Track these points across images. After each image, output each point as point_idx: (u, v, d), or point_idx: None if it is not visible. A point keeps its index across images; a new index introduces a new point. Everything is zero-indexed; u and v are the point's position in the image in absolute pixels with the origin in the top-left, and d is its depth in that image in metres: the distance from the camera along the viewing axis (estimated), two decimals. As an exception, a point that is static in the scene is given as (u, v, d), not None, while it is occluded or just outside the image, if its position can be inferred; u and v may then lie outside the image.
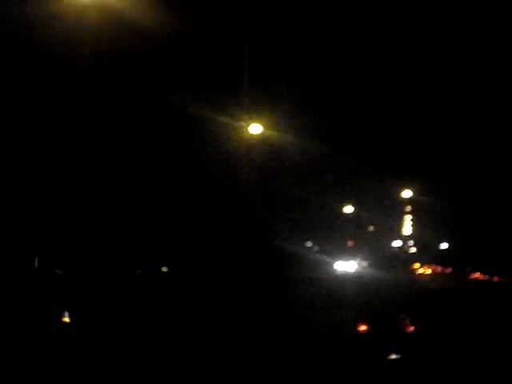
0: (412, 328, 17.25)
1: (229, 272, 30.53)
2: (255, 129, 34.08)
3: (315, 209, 54.11)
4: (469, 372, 11.93)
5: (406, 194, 65.45)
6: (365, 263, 65.47)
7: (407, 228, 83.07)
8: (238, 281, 27.66)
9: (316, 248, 59.90)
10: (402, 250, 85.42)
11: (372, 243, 72.24)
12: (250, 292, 25.51)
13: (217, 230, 36.00)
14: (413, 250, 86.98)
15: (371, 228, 74.12)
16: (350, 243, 68.23)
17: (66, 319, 18.47)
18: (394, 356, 13.61)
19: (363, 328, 16.32)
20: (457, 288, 45.72)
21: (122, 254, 32.10)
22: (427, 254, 77.54)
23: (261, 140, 35.37)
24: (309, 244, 57.80)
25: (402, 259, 73.48)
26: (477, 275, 64.75)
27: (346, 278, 43.11)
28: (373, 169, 59.95)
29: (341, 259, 58.27)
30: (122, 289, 24.94)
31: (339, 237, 62.88)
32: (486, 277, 62.07)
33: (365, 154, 61.47)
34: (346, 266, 56.55)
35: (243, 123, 34.08)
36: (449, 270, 72.67)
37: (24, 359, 12.44)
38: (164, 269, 33.28)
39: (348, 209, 64.10)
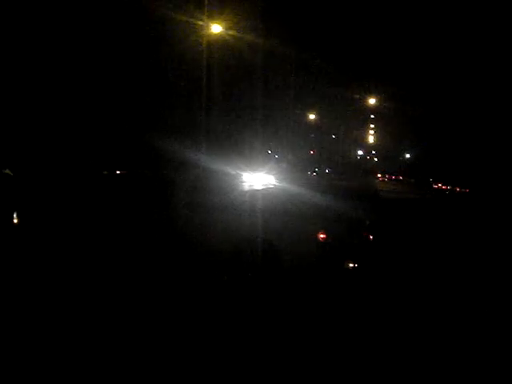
0: (371, 236, 16.62)
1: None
2: (215, 29, 32.57)
3: (278, 115, 52.88)
4: (422, 283, 11.59)
5: (371, 101, 64.37)
6: (327, 171, 65.13)
7: (370, 137, 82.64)
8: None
9: (278, 156, 59.03)
10: (365, 158, 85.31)
11: (334, 151, 71.67)
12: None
13: (173, 134, 34.91)
14: (375, 159, 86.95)
15: (333, 136, 73.24)
16: (312, 152, 67.67)
17: (15, 220, 17.76)
18: (351, 264, 13.40)
19: (322, 236, 15.69)
20: (418, 197, 45.57)
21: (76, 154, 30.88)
22: (390, 163, 77.51)
23: (220, 40, 33.97)
24: (269, 152, 56.79)
25: (364, 168, 73.29)
26: (439, 185, 65.12)
27: (307, 186, 42.58)
28: (337, 74, 58.78)
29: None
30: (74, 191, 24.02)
31: (302, 145, 62.03)
32: (448, 187, 62.44)
33: (329, 58, 60.23)
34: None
35: (202, 23, 32.52)
36: (411, 180, 73.00)
37: None
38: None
39: (311, 116, 63.00)
